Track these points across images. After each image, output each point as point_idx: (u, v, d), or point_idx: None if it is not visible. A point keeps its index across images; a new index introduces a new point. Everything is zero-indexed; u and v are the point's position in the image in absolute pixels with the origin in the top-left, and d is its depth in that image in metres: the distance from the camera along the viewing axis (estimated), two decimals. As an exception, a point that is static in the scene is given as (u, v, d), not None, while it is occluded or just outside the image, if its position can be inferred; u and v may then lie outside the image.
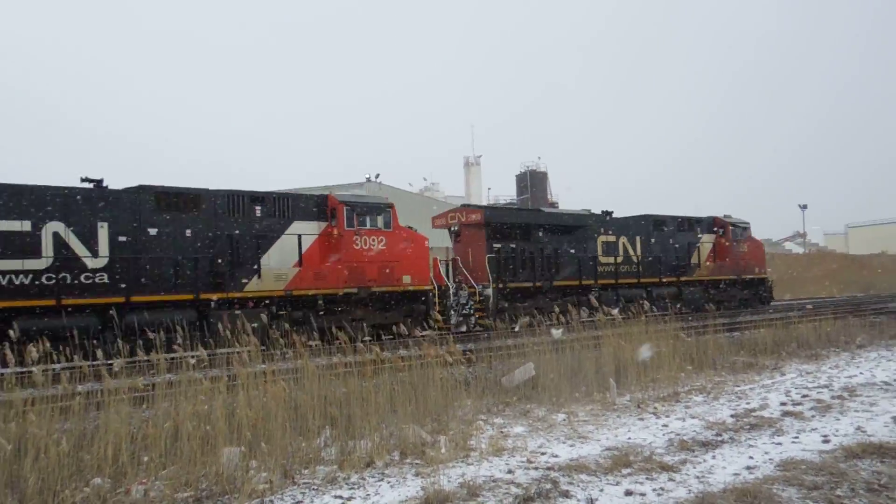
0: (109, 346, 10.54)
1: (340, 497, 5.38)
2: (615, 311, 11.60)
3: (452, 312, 17.90)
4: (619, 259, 22.14)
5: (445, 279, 18.29)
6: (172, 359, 7.97)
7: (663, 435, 7.24)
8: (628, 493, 5.32)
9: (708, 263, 24.90)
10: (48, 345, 6.87)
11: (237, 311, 13.44)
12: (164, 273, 13.50)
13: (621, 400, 9.08)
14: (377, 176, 44.43)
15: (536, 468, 6.02)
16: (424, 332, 11.64)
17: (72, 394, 6.34)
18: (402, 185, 51.60)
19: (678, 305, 22.44)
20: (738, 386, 10.17)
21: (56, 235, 12.42)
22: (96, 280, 12.74)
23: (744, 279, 25.96)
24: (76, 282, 12.51)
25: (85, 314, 12.46)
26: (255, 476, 5.67)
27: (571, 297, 19.90)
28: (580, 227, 21.60)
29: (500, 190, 74.04)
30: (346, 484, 5.71)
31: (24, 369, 6.55)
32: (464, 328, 17.65)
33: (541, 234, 20.61)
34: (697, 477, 5.69)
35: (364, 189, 41.87)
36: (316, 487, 5.63)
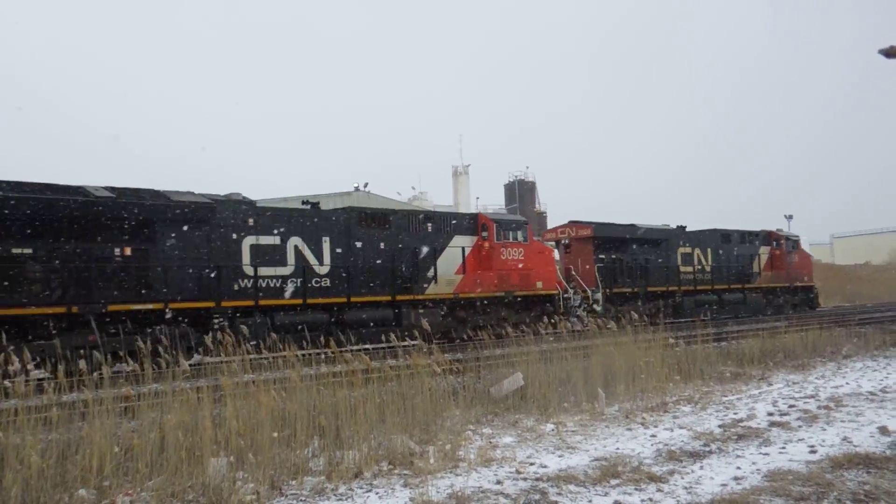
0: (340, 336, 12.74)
1: (328, 508, 5.35)
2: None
3: (577, 314, 20.76)
4: (696, 268, 25.61)
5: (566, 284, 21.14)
6: (159, 370, 7.91)
7: (651, 445, 7.26)
8: (617, 503, 5.32)
9: (766, 272, 28.14)
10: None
11: (420, 310, 16.71)
12: (370, 278, 16.32)
13: (610, 410, 9.09)
14: (366, 185, 44.45)
15: (525, 479, 6.01)
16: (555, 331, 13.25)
17: (55, 404, 6.26)
18: (390, 193, 51.59)
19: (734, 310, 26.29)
20: (726, 396, 10.21)
21: (296, 248, 15.22)
22: (322, 284, 15.55)
23: (795, 286, 29.35)
24: (310, 285, 15.29)
25: (319, 311, 15.26)
26: (243, 487, 5.63)
27: (659, 301, 23.73)
28: (665, 240, 24.92)
29: (487, 199, 74.10)
30: (335, 495, 5.68)
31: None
32: (578, 327, 18.89)
33: (634, 246, 23.96)
34: (685, 487, 5.70)
35: (353, 198, 41.83)
36: (304, 499, 5.59)
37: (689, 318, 23.01)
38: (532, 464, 6.53)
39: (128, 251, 12.93)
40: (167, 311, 13.09)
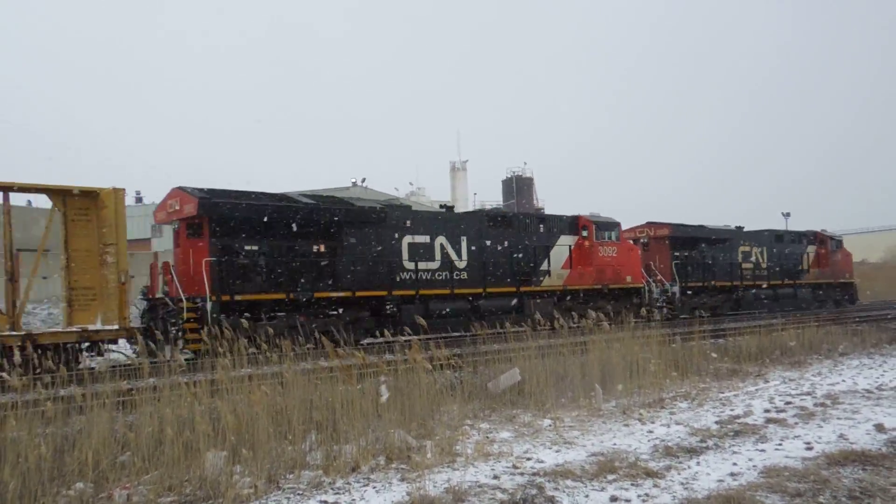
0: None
1: (325, 502, 5.35)
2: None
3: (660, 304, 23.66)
4: (754, 265, 28.22)
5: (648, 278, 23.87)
6: (154, 363, 7.91)
7: (648, 441, 7.27)
8: (613, 499, 5.33)
9: (813, 269, 31.08)
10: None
11: (537, 300, 19.39)
12: (497, 272, 18.90)
13: (607, 406, 9.11)
14: (363, 180, 44.48)
15: (522, 474, 6.02)
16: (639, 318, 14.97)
17: (52, 398, 6.26)
18: (388, 189, 51.58)
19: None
20: (723, 392, 10.23)
21: (441, 246, 17.90)
22: (462, 276, 18.13)
23: (838, 283, 32.31)
24: (452, 277, 17.88)
25: (461, 300, 17.91)
26: (240, 481, 5.63)
27: (723, 295, 26.52)
28: (728, 239, 27.54)
29: (485, 195, 74.14)
30: (332, 489, 5.68)
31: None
32: (658, 316, 20.68)
33: (703, 245, 26.62)
34: (682, 483, 5.72)
35: (351, 192, 41.81)
36: (301, 492, 5.59)
37: (749, 311, 26.96)
38: (529, 459, 6.54)
39: (322, 248, 15.83)
40: (354, 297, 15.88)
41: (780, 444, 7.03)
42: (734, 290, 27.05)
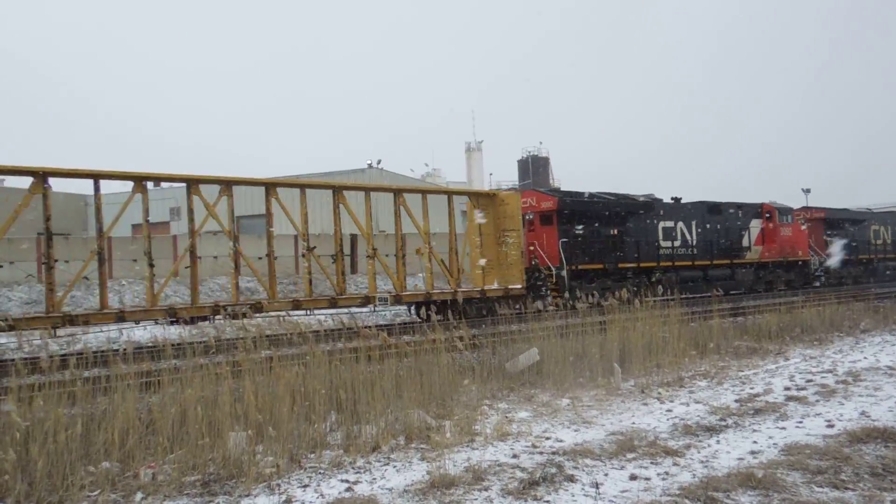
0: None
1: (347, 481, 5.41)
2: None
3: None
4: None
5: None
6: (178, 346, 8.00)
7: (667, 420, 7.27)
8: (633, 477, 5.34)
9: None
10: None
11: (743, 270, 25.61)
12: (717, 249, 24.65)
13: (625, 385, 9.11)
14: (379, 162, 44.33)
15: (541, 453, 6.05)
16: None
17: (79, 379, 6.36)
18: (403, 170, 51.48)
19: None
20: (742, 371, 10.19)
21: (681, 229, 23.59)
22: (694, 252, 23.85)
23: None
24: (690, 253, 23.76)
25: (697, 270, 23.77)
26: (262, 460, 5.71)
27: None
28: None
29: (501, 175, 73.79)
30: (352, 468, 5.75)
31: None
32: (817, 284, 28.50)
33: (848, 225, 31.35)
34: (702, 461, 5.71)
35: (366, 174, 41.80)
36: (322, 471, 5.66)
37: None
38: (548, 438, 6.57)
39: (615, 231, 21.54)
40: (639, 267, 21.76)
41: (801, 422, 7.00)
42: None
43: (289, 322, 14.52)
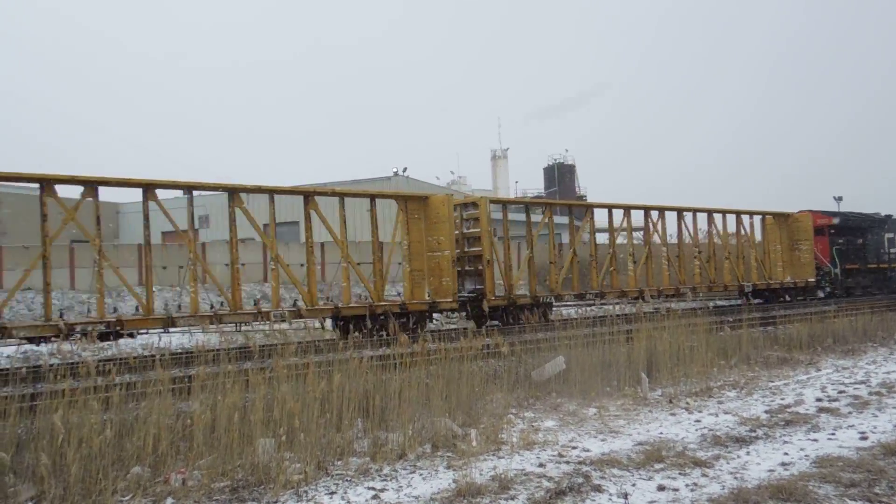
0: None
1: (373, 489, 5.44)
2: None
3: None
4: None
5: None
6: (212, 351, 8.11)
7: (696, 430, 7.19)
8: (661, 487, 5.29)
9: None
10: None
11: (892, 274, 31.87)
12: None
13: (653, 394, 9.03)
14: (405, 170, 44.55)
15: (568, 462, 6.02)
16: None
17: (112, 385, 6.48)
18: (429, 178, 51.64)
19: None
20: (773, 381, 10.04)
21: (888, 239, 30.83)
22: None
23: None
24: None
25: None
26: (290, 467, 5.76)
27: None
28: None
29: (526, 183, 73.64)
30: (379, 476, 5.77)
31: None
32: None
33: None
34: (731, 473, 5.64)
35: (392, 182, 42.01)
36: (349, 479, 5.70)
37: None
38: (574, 447, 6.54)
39: (860, 241, 29.46)
40: (878, 268, 30.49)
41: (834, 434, 6.88)
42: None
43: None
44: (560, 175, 68.32)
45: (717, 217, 23.55)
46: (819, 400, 8.59)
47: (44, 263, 11.90)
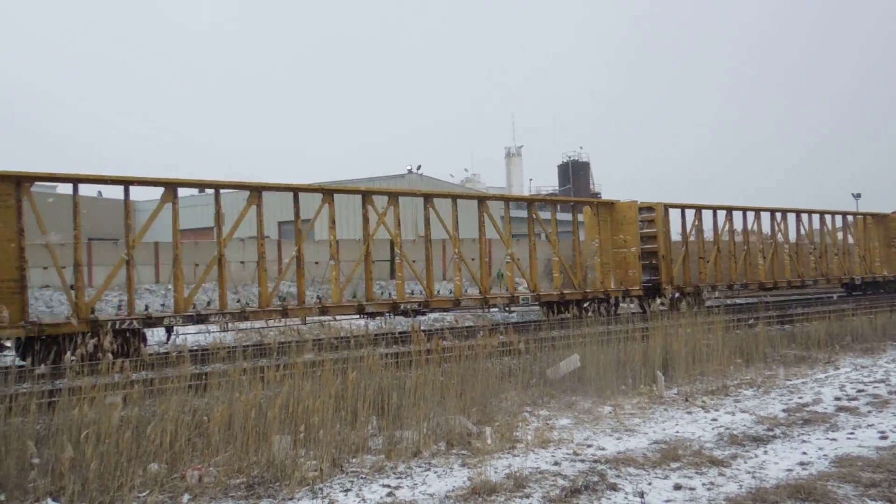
0: None
1: (388, 486, 5.45)
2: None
3: None
4: None
5: None
6: (230, 349, 8.16)
7: (712, 429, 7.14)
8: (677, 486, 5.26)
9: None
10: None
11: None
12: None
13: (669, 393, 8.97)
14: (419, 167, 44.55)
15: (583, 461, 5.99)
16: None
17: (130, 382, 6.54)
18: (443, 176, 51.65)
19: None
20: (790, 380, 9.94)
21: None
22: None
23: None
24: None
25: None
26: (305, 464, 5.78)
27: None
28: None
29: (541, 180, 73.41)
30: (394, 473, 5.78)
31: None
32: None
33: None
34: (749, 472, 5.60)
35: (406, 180, 42.04)
36: (364, 476, 5.71)
37: None
38: (589, 446, 6.51)
39: None
40: None
41: (853, 433, 6.80)
42: None
43: (335, 326, 14.79)
44: (574, 171, 68.10)
45: (827, 217, 26.61)
46: (838, 399, 8.50)
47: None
